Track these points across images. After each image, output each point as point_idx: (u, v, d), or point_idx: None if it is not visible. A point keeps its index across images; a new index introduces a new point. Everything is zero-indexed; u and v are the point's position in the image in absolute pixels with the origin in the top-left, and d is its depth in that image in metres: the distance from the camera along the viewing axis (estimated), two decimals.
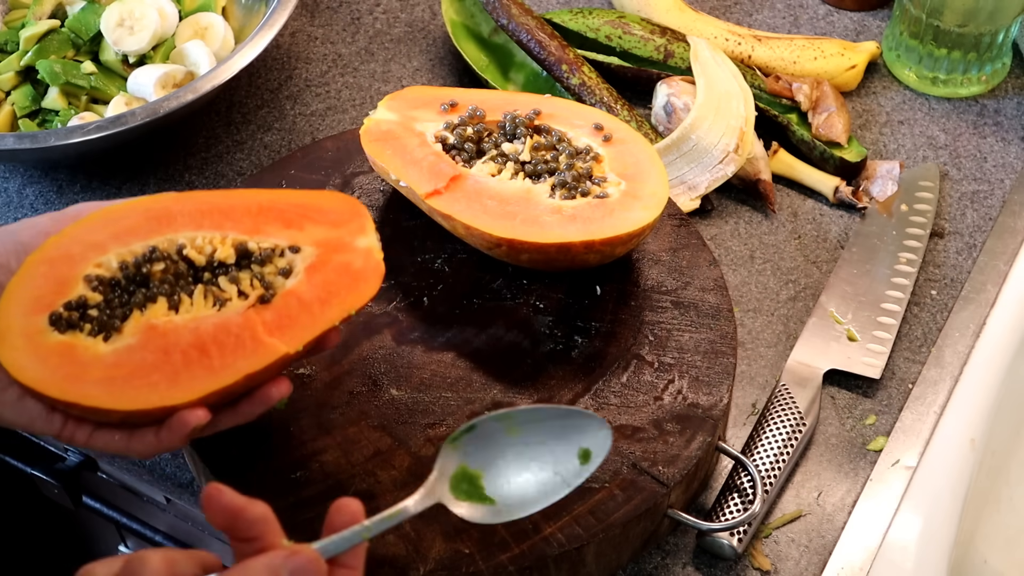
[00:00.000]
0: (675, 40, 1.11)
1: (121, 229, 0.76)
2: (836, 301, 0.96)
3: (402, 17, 1.20)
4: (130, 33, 1.08)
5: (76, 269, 0.74)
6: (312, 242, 0.77)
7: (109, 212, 0.76)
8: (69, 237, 0.75)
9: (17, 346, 0.71)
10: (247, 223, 0.77)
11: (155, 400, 0.71)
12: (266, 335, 0.74)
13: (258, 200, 0.79)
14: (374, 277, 0.77)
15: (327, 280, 0.76)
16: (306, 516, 0.78)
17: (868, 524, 0.85)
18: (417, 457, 0.80)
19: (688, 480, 0.81)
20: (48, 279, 0.73)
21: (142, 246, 0.75)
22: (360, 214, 0.79)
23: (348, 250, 0.78)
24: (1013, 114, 1.10)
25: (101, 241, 0.75)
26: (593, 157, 0.89)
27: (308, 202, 0.79)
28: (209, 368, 0.72)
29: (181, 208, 0.77)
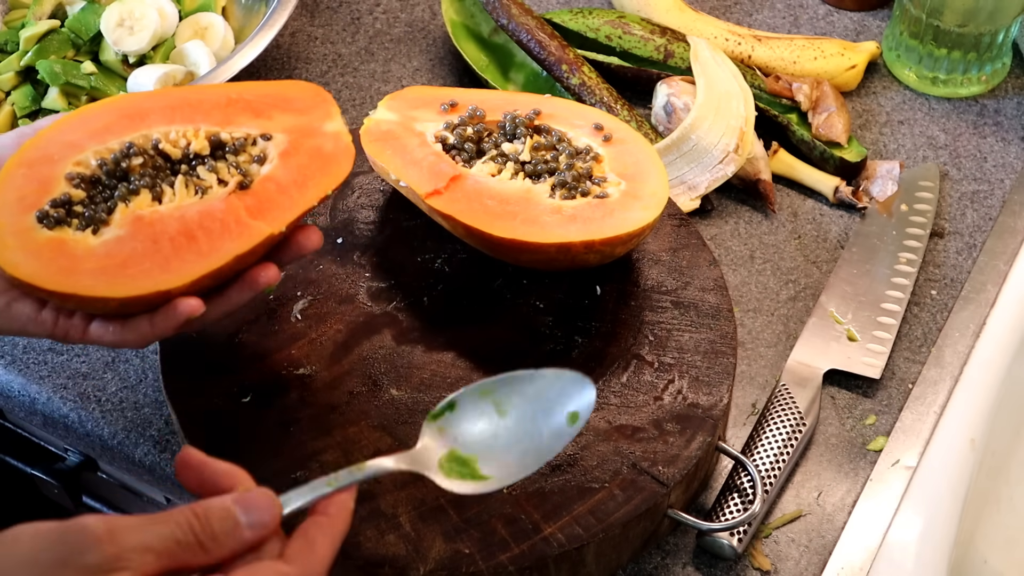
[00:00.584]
0: (675, 40, 1.11)
1: (96, 128, 0.78)
2: (836, 301, 0.96)
3: (402, 17, 1.20)
4: (130, 33, 1.08)
5: (56, 169, 0.76)
6: (282, 129, 0.81)
7: (83, 112, 0.78)
8: (46, 139, 0.76)
9: (8, 245, 0.73)
10: (218, 115, 0.80)
11: (150, 285, 0.73)
12: (250, 218, 0.76)
13: (227, 93, 0.81)
14: (345, 158, 0.81)
15: (301, 164, 0.79)
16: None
17: (868, 524, 0.85)
18: None
19: (688, 480, 0.81)
20: (29, 180, 0.75)
21: (118, 143, 0.78)
22: (325, 100, 0.83)
23: (318, 135, 0.81)
24: (1013, 114, 1.10)
25: (78, 140, 0.77)
26: (593, 157, 0.89)
27: (275, 92, 0.83)
28: (198, 252, 0.74)
29: (152, 105, 0.79)
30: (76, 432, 0.93)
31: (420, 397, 0.84)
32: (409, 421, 0.82)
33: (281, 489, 0.79)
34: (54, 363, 0.95)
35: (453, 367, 0.85)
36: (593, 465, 0.80)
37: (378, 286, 0.90)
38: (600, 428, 0.81)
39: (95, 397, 0.93)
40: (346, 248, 0.92)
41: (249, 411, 0.83)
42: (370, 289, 0.90)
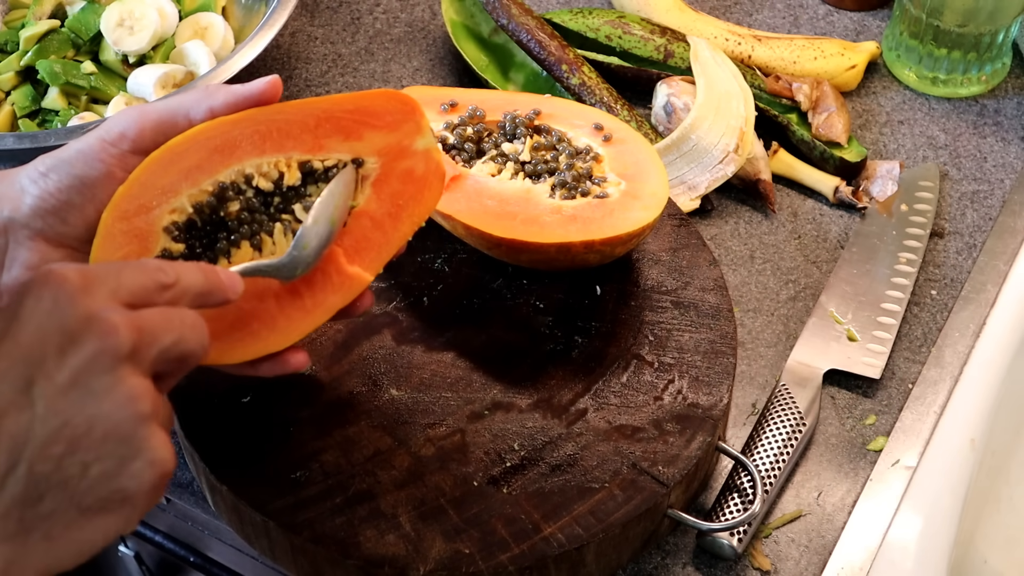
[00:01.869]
0: (675, 40, 1.11)
1: (188, 167, 0.74)
2: (836, 301, 0.96)
3: (402, 17, 1.20)
4: (130, 33, 1.08)
5: (153, 221, 0.73)
6: (373, 151, 0.76)
7: (171, 150, 0.74)
8: (138, 185, 0.73)
9: None
10: (308, 140, 0.75)
11: (260, 349, 0.72)
12: (347, 264, 0.74)
13: (315, 112, 0.76)
14: (436, 182, 0.77)
15: (393, 192, 0.76)
16: (306, 516, 0.78)
17: (868, 524, 0.85)
18: (417, 457, 0.80)
19: (688, 480, 0.81)
20: (129, 236, 0.72)
21: (211, 183, 0.74)
22: (414, 111, 0.77)
23: (408, 155, 0.76)
24: (1013, 114, 1.10)
25: (171, 183, 0.73)
26: (593, 157, 0.89)
27: (363, 105, 0.77)
28: (303, 309, 0.73)
29: (241, 133, 0.74)
30: None
31: (420, 397, 0.84)
32: (409, 421, 0.82)
33: (281, 489, 0.79)
34: None
35: (453, 367, 0.85)
36: (593, 465, 0.80)
37: (378, 286, 0.90)
38: (600, 428, 0.81)
39: None
40: None
41: (249, 411, 0.83)
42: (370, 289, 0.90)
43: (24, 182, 0.73)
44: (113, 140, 0.74)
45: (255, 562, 0.93)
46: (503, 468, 0.80)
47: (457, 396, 0.83)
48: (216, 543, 1.01)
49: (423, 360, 0.86)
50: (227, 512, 0.82)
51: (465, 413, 0.83)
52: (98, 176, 0.73)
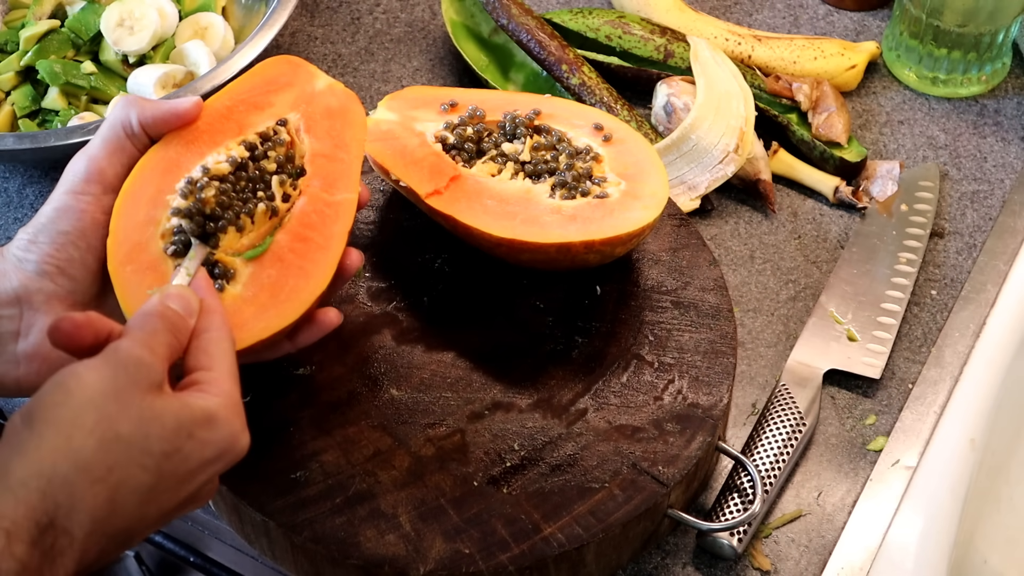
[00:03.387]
0: (675, 40, 1.11)
1: (150, 196, 0.78)
2: (836, 301, 0.96)
3: (402, 17, 1.20)
4: (130, 33, 1.08)
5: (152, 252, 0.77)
6: (288, 108, 0.83)
7: (129, 192, 0.78)
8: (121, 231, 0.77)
9: None
10: (233, 128, 0.82)
11: (307, 296, 0.76)
12: (333, 195, 0.80)
13: (223, 103, 0.83)
14: (354, 104, 0.84)
15: (326, 129, 0.83)
16: (306, 516, 0.78)
17: (868, 524, 0.85)
18: (417, 457, 0.80)
19: (688, 480, 0.81)
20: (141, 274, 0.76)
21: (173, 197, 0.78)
22: (298, 64, 0.85)
23: (316, 97, 0.84)
24: (1013, 114, 1.10)
25: (146, 216, 0.77)
26: (593, 157, 0.89)
27: (259, 79, 0.85)
28: (320, 247, 0.78)
29: (176, 150, 0.80)
30: None
31: (420, 397, 0.84)
32: (409, 421, 0.82)
33: (281, 489, 0.79)
34: None
35: (453, 367, 0.85)
36: (593, 465, 0.80)
37: (378, 286, 0.90)
38: (600, 428, 0.81)
39: None
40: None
41: (249, 411, 0.83)
42: (370, 289, 0.90)
43: (17, 254, 0.76)
44: (82, 189, 0.77)
45: (255, 562, 0.93)
46: (503, 468, 0.80)
47: (457, 396, 0.83)
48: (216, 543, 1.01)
49: (423, 360, 0.86)
50: (227, 512, 0.82)
51: (465, 413, 0.83)
52: (85, 226, 0.76)
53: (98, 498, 0.62)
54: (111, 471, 0.63)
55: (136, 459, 0.64)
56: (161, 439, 0.65)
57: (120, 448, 0.63)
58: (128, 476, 0.63)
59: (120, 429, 0.63)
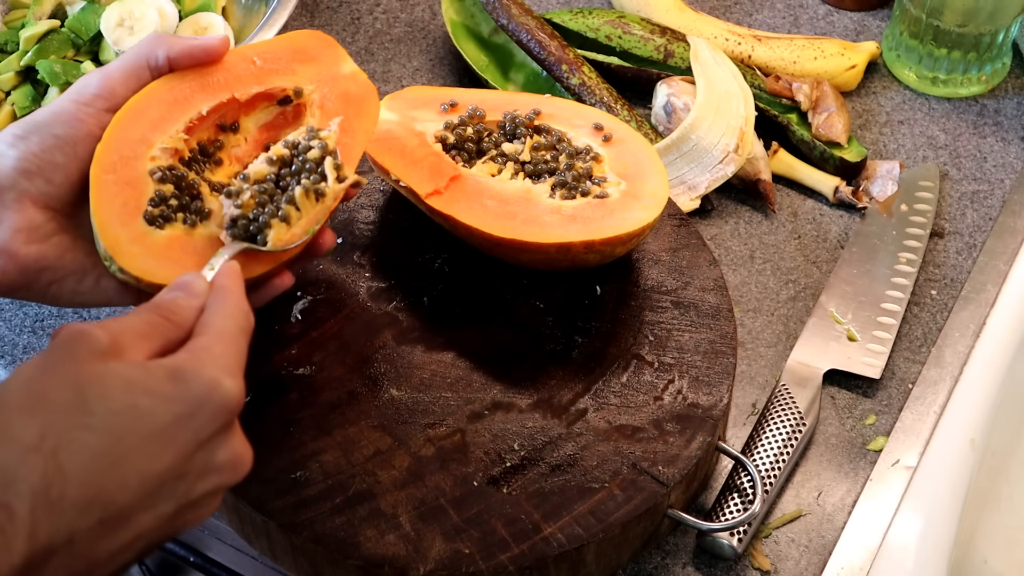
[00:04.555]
0: (675, 40, 1.11)
1: (153, 119, 0.79)
2: (836, 301, 0.96)
3: (402, 17, 1.20)
4: (130, 33, 1.08)
5: (138, 168, 0.77)
6: (308, 80, 0.84)
7: (133, 108, 0.79)
8: (114, 140, 0.77)
9: (136, 253, 0.74)
10: (251, 82, 0.83)
11: (280, 253, 0.77)
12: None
13: (249, 56, 0.84)
14: (371, 97, 0.85)
15: (339, 112, 0.83)
16: (306, 516, 0.78)
17: (868, 524, 0.85)
18: (417, 457, 0.80)
19: (688, 480, 0.81)
20: (120, 185, 0.76)
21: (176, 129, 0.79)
22: (330, 44, 0.87)
23: (340, 79, 0.85)
24: (1013, 114, 1.10)
25: (142, 135, 0.78)
26: (593, 157, 0.89)
27: (287, 45, 0.86)
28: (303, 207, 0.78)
29: (190, 86, 0.81)
30: None
31: (420, 397, 0.84)
32: (409, 421, 0.82)
33: (281, 489, 0.79)
34: None
35: (453, 367, 0.85)
36: (593, 465, 0.80)
37: (378, 286, 0.90)
38: (600, 428, 0.81)
39: None
40: (346, 248, 0.92)
41: (249, 411, 0.83)
42: (370, 289, 0.90)
43: (0, 148, 0.75)
44: (87, 100, 0.77)
45: (255, 562, 0.93)
46: (503, 468, 0.80)
47: (457, 396, 0.83)
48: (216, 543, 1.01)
49: (423, 360, 0.86)
50: (227, 512, 0.82)
51: (465, 413, 0.83)
52: (78, 135, 0.76)
53: (35, 468, 0.59)
54: (44, 438, 0.60)
55: (74, 421, 0.61)
56: (103, 397, 0.61)
57: (51, 414, 0.61)
58: (67, 440, 0.60)
59: (51, 396, 0.61)
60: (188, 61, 0.80)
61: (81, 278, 0.77)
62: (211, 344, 0.66)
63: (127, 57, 0.79)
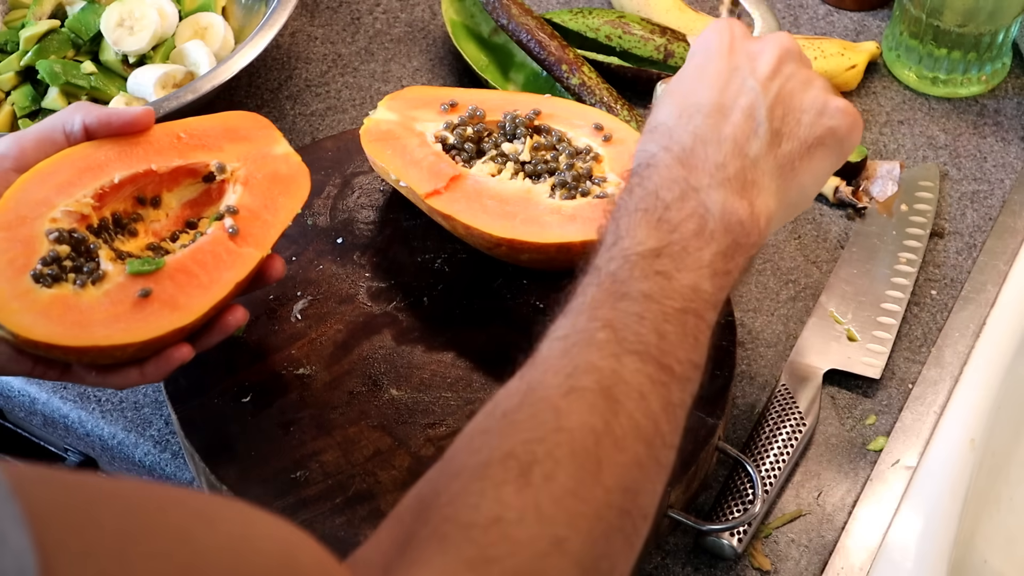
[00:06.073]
0: (675, 40, 1.11)
1: (60, 183, 0.78)
2: (836, 301, 0.96)
3: (402, 17, 1.20)
4: (130, 33, 1.08)
5: (34, 228, 0.76)
6: (235, 158, 0.84)
7: (42, 170, 0.78)
8: (14, 200, 0.77)
9: (15, 309, 0.73)
10: (172, 155, 0.82)
11: (165, 325, 0.75)
12: (239, 247, 0.79)
13: (174, 131, 0.83)
14: (303, 177, 0.84)
15: (264, 190, 0.83)
16: (306, 516, 0.78)
17: (868, 524, 0.85)
18: (417, 457, 0.80)
19: (688, 480, 0.81)
20: (12, 243, 0.75)
21: (83, 194, 0.78)
22: (266, 126, 0.87)
23: (269, 159, 0.84)
24: (1013, 114, 1.10)
25: (45, 197, 0.77)
26: (593, 157, 0.89)
27: (219, 124, 0.86)
28: (200, 286, 0.77)
29: (106, 154, 0.80)
30: (76, 432, 0.93)
31: (420, 397, 0.84)
32: (409, 421, 0.82)
33: (281, 489, 0.79)
34: None
35: (453, 367, 0.85)
36: None
37: (378, 286, 0.90)
38: None
39: (95, 397, 0.93)
40: (346, 248, 0.92)
41: (249, 411, 0.83)
42: (370, 289, 0.90)
43: None
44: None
45: None
46: None
47: (457, 396, 0.83)
48: None
49: (423, 360, 0.86)
50: None
51: (465, 413, 0.83)
52: None
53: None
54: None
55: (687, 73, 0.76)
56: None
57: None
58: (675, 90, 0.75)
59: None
60: (105, 130, 0.80)
61: None
62: None
63: (43, 123, 0.79)
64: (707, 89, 0.74)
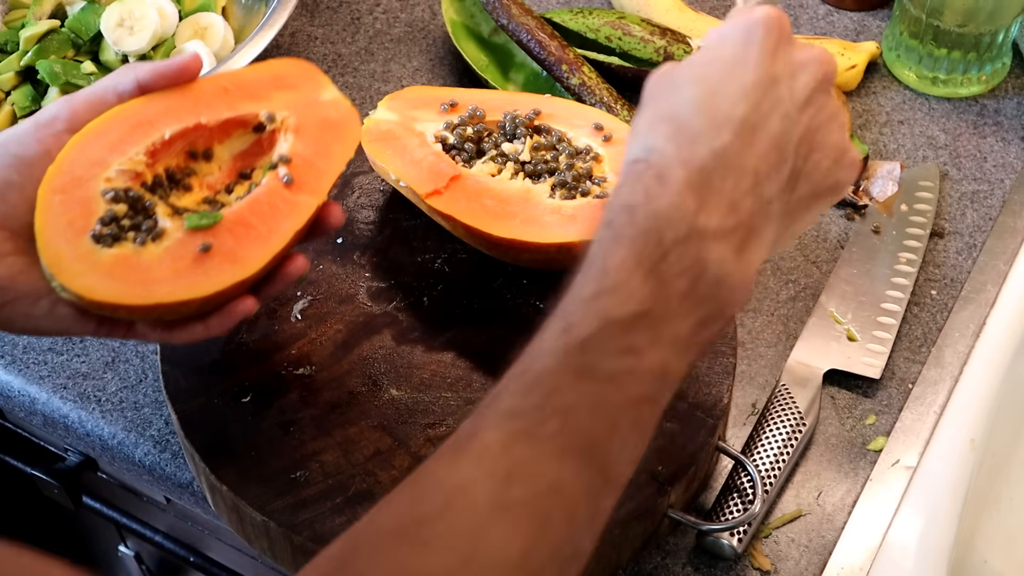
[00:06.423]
0: (675, 42, 1.11)
1: (112, 142, 0.77)
2: (836, 301, 0.96)
3: (402, 17, 1.20)
4: (130, 33, 1.08)
5: (90, 189, 0.76)
6: (283, 107, 0.82)
7: (94, 130, 0.77)
8: (68, 161, 0.76)
9: (78, 271, 0.73)
10: (220, 106, 0.81)
11: (227, 278, 0.74)
12: (295, 195, 0.78)
13: (221, 82, 0.82)
14: (353, 122, 0.83)
15: (316, 138, 0.81)
16: (306, 516, 0.78)
17: (868, 524, 0.85)
18: (417, 457, 0.80)
19: (688, 480, 0.81)
20: (68, 205, 0.75)
21: (136, 151, 0.78)
22: (314, 72, 0.85)
23: (318, 106, 0.83)
24: (1013, 114, 1.10)
25: (99, 157, 0.77)
26: (593, 157, 0.89)
27: (265, 73, 0.84)
28: (259, 238, 0.76)
29: (156, 109, 0.79)
30: (76, 432, 0.93)
31: (420, 397, 0.84)
32: (409, 421, 0.82)
33: (281, 489, 0.79)
34: (54, 363, 0.95)
35: (453, 367, 0.85)
36: None
37: (378, 286, 0.90)
38: None
39: (95, 397, 0.93)
40: (346, 248, 0.92)
41: (249, 411, 0.83)
42: (370, 289, 0.90)
43: None
44: (47, 123, 0.76)
45: (255, 562, 0.93)
46: None
47: (457, 396, 0.83)
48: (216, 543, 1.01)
49: (423, 360, 0.86)
50: (227, 512, 0.82)
51: (465, 413, 0.82)
52: (35, 155, 0.75)
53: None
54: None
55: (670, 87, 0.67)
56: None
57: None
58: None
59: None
60: (161, 81, 0.79)
61: (34, 302, 0.75)
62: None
63: (93, 86, 0.79)
64: (740, 96, 0.64)
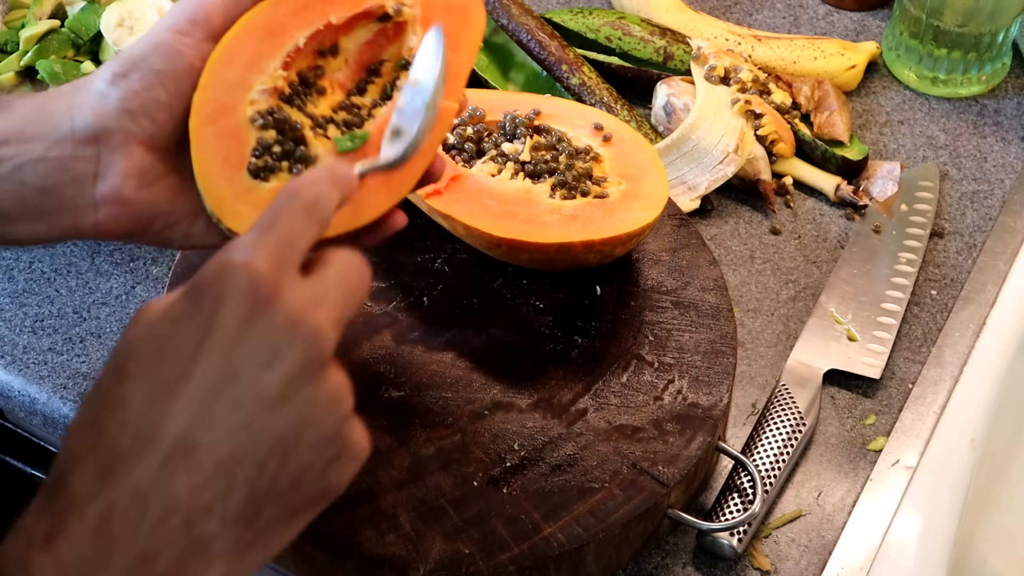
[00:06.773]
0: (675, 42, 1.11)
1: (247, 58, 0.74)
2: (836, 301, 0.96)
3: None
4: (130, 33, 1.08)
5: (238, 117, 0.73)
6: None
7: (226, 48, 0.74)
8: (210, 88, 0.73)
9: (244, 212, 0.71)
10: (346, 2, 0.77)
11: (388, 200, 0.73)
12: None
13: None
14: (477, 6, 0.78)
15: (446, 26, 0.75)
16: None
17: (868, 524, 0.85)
18: (417, 457, 0.80)
19: (688, 480, 0.81)
20: (221, 137, 0.72)
21: (275, 66, 0.75)
22: None
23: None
24: (1013, 114, 1.10)
25: (239, 78, 0.74)
26: (593, 157, 0.89)
27: None
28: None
29: (283, 12, 0.76)
30: None
31: (420, 397, 0.84)
32: (409, 421, 0.82)
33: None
34: (54, 363, 0.95)
35: (453, 367, 0.85)
36: (593, 465, 0.80)
37: (378, 286, 0.90)
38: (600, 428, 0.82)
39: None
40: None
41: None
42: (370, 289, 0.90)
43: (100, 87, 0.70)
44: (185, 29, 0.72)
45: None
46: (503, 468, 0.80)
47: (457, 396, 0.83)
48: None
49: (423, 360, 0.86)
50: None
51: (465, 413, 0.83)
52: (179, 69, 0.71)
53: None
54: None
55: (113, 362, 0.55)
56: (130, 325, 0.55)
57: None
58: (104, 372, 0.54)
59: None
60: None
61: (193, 221, 0.73)
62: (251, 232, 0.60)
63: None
64: (184, 389, 0.51)
